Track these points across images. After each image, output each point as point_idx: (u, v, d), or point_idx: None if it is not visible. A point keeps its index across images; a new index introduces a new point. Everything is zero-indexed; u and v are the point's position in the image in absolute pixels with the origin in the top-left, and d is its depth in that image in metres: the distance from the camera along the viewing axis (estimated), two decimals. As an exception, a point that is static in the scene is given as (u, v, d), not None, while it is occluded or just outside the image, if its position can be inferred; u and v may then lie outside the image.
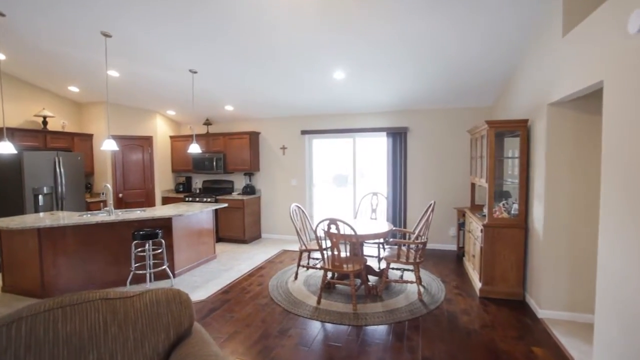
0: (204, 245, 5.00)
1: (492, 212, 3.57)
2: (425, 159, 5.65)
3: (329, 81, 4.63)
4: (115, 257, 4.08)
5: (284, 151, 6.50)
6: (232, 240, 6.30)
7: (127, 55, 4.16)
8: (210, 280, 4.27)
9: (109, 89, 5.50)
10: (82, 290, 3.98)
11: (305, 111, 6.10)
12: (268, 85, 4.93)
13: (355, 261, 3.50)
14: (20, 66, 4.97)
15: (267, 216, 6.69)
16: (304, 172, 6.38)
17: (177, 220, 4.38)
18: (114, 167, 6.22)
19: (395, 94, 5.03)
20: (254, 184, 6.74)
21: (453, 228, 5.55)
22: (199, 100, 5.67)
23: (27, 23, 3.66)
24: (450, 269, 4.61)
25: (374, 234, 3.58)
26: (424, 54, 3.71)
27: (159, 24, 3.42)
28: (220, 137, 6.55)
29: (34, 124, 5.63)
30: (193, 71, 4.54)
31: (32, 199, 5.03)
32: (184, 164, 6.91)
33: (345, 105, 5.64)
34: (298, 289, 3.89)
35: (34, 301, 3.76)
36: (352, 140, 6.12)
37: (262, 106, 5.94)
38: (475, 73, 4.13)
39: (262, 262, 5.04)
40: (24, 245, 3.84)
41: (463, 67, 4.00)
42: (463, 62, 3.85)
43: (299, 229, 4.15)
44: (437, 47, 3.55)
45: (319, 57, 3.93)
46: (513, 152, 4.22)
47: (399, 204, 5.71)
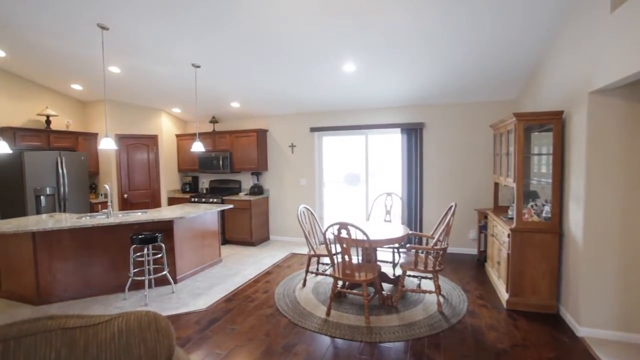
0: (209, 248, 4.77)
1: (520, 214, 3.20)
2: (443, 157, 5.28)
3: (339, 74, 4.32)
4: (114, 262, 3.88)
5: (292, 149, 6.23)
6: (239, 242, 6.06)
7: (126, 49, 3.94)
8: (213, 286, 4.02)
9: (112, 86, 5.32)
10: (80, 296, 3.80)
11: (314, 107, 5.80)
12: (275, 80, 4.65)
13: (368, 269, 3.19)
14: (22, 64, 4.83)
15: (276, 217, 6.43)
16: (313, 171, 6.09)
17: (179, 222, 4.15)
18: (119, 167, 6.06)
19: (410, 88, 4.68)
20: (262, 183, 6.49)
21: (473, 231, 5.17)
22: (204, 97, 5.44)
23: (23, 16, 3.48)
24: (471, 275, 4.24)
25: (389, 239, 3.26)
26: (442, 42, 3.36)
27: (157, 14, 3.18)
28: (227, 136, 6.32)
29: (37, 123, 5.50)
30: (196, 65, 4.30)
31: (34, 200, 4.89)
32: (191, 163, 6.71)
33: (356, 100, 5.32)
34: (306, 298, 3.61)
35: (29, 308, 3.62)
36: (364, 137, 5.79)
37: (269, 102, 5.68)
38: (500, 62, 3.76)
39: (269, 267, 4.77)
40: (19, 249, 3.67)
41: (486, 56, 3.63)
42: (486, 50, 3.48)
43: (307, 233, 3.86)
44: (457, 35, 3.20)
45: (328, 49, 3.62)
46: (540, 148, 3.85)
47: (414, 204, 5.36)
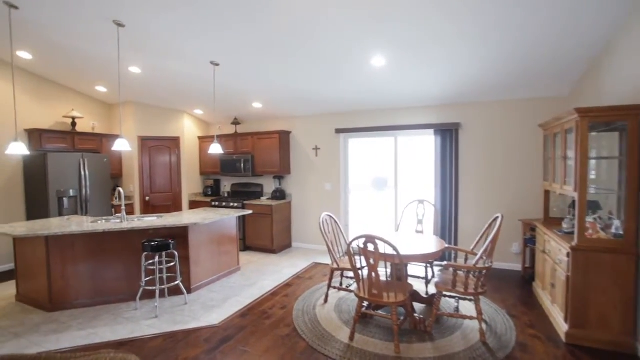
0: (227, 255, 4.52)
1: (583, 230, 2.68)
2: (482, 161, 4.76)
3: (367, 70, 3.95)
4: (127, 269, 3.70)
5: (316, 152, 5.91)
6: (260, 249, 5.80)
7: (144, 47, 3.79)
8: (229, 299, 3.75)
9: (134, 88, 5.25)
10: (91, 304, 3.62)
11: (340, 107, 5.45)
12: (298, 78, 4.35)
13: (398, 288, 2.79)
14: (48, 66, 4.84)
15: (298, 223, 6.12)
16: (338, 176, 5.73)
17: (194, 228, 3.93)
18: (141, 170, 5.99)
19: (445, 84, 4.23)
20: (284, 188, 6.21)
21: (517, 244, 4.60)
22: (225, 97, 5.25)
23: (45, 17, 3.42)
24: (517, 296, 3.71)
25: (423, 255, 2.84)
26: (484, 30, 2.91)
27: (173, 9, 2.97)
28: (249, 137, 6.10)
29: (63, 125, 5.53)
30: (215, 63, 4.09)
31: (57, 202, 4.87)
32: (213, 166, 6.55)
33: (385, 99, 4.92)
34: (327, 317, 3.24)
35: (41, 315, 3.51)
36: (394, 139, 5.37)
37: (292, 102, 5.39)
38: (557, 52, 3.23)
39: (289, 278, 4.45)
40: (34, 253, 3.57)
41: (539, 45, 3.13)
42: (541, 37, 2.99)
43: (330, 243, 3.50)
44: (501, 21, 2.74)
45: (355, 41, 3.26)
46: (598, 151, 3.30)
47: (449, 214, 4.86)
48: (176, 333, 2.97)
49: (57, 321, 3.26)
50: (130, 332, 3.00)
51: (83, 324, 3.19)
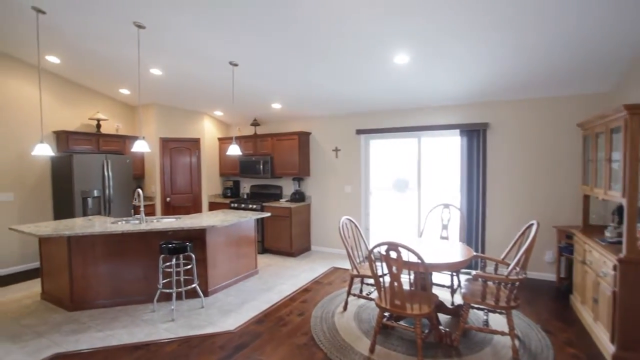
0: (245, 258, 4.46)
1: (634, 240, 2.41)
2: (511, 163, 4.48)
3: (390, 68, 3.78)
4: (145, 270, 3.70)
5: (336, 153, 5.77)
6: (279, 252, 5.72)
7: (164, 48, 3.79)
8: (245, 303, 3.68)
9: (155, 90, 5.30)
10: (110, 305, 3.63)
11: (361, 107, 5.30)
12: (317, 78, 4.24)
13: (422, 299, 2.61)
14: (75, 69, 4.96)
15: (318, 226, 6.00)
16: (359, 178, 5.57)
17: (212, 230, 3.88)
18: (162, 171, 6.05)
19: (473, 81, 3.99)
20: (304, 190, 6.11)
21: (550, 252, 4.29)
22: (244, 98, 5.21)
23: (67, 21, 3.49)
24: (552, 310, 3.43)
25: (449, 264, 2.65)
26: (517, 21, 2.69)
27: (191, 10, 2.94)
28: (268, 139, 6.05)
29: (89, 127, 5.66)
30: (233, 64, 4.04)
31: (81, 202, 4.97)
32: (232, 167, 6.54)
33: (408, 98, 4.72)
34: (346, 326, 3.10)
35: (63, 314, 3.55)
36: (417, 140, 5.15)
37: (312, 103, 5.29)
38: (605, 43, 2.96)
39: (307, 282, 4.34)
40: (57, 253, 3.63)
41: (577, 41, 2.87)
42: (578, 34, 2.73)
43: (350, 249, 3.36)
44: (539, 11, 2.52)
45: (377, 38, 3.11)
46: None
47: (475, 219, 4.60)
48: (191, 338, 2.91)
49: (78, 321, 3.29)
50: (147, 336, 2.96)
51: (102, 325, 3.19)
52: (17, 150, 4.85)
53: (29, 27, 3.67)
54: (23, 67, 4.86)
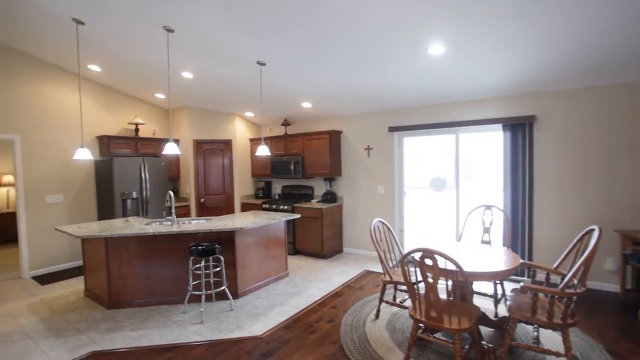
0: (275, 260, 4.40)
1: None
2: (563, 160, 4.03)
3: (424, 60, 3.53)
4: (177, 271, 3.74)
5: (369, 152, 5.57)
6: (310, 254, 5.63)
7: (193, 51, 3.83)
8: (274, 307, 3.61)
9: (187, 93, 5.41)
10: (144, 304, 3.71)
11: (393, 104, 5.06)
12: (348, 74, 4.08)
13: (462, 311, 2.37)
14: (114, 77, 5.18)
15: (350, 228, 5.83)
16: (392, 177, 5.33)
17: (241, 232, 3.85)
18: (196, 172, 6.18)
19: (517, 70, 3.63)
20: (335, 190, 5.97)
21: (612, 260, 3.81)
22: (273, 97, 5.17)
23: (103, 30, 3.63)
24: (617, 327, 3.01)
25: (492, 273, 2.38)
26: None
27: (219, 10, 2.91)
28: (298, 139, 5.97)
29: (128, 131, 5.91)
30: (261, 63, 3.99)
31: (121, 204, 5.18)
32: (263, 168, 6.55)
33: (444, 92, 4.42)
34: (378, 336, 2.91)
35: (102, 312, 3.68)
36: (454, 136, 4.82)
37: (342, 101, 5.13)
38: (671, 19, 2.54)
39: (338, 286, 4.19)
40: (96, 253, 3.77)
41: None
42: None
43: (382, 253, 3.17)
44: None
45: (409, 28, 2.90)
46: None
47: (521, 222, 4.20)
48: (219, 342, 2.87)
49: (114, 319, 3.38)
50: (176, 338, 2.97)
51: (135, 324, 3.26)
52: (65, 155, 5.15)
53: (71, 38, 3.85)
54: (69, 76, 5.15)
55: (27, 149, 4.82)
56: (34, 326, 3.31)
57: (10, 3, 3.42)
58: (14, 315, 3.56)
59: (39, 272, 4.93)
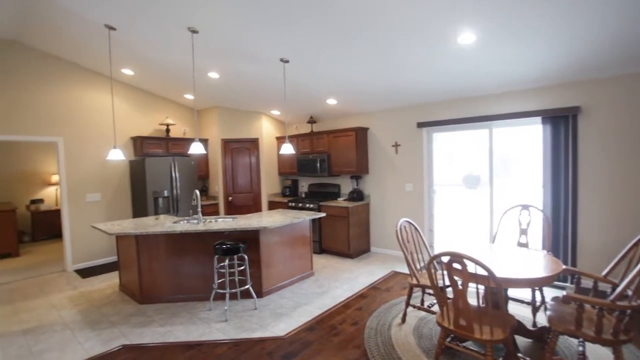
0: (300, 259, 4.37)
1: None
2: (612, 156, 3.66)
3: (453, 51, 3.33)
4: (203, 269, 3.81)
5: (396, 149, 5.39)
6: (336, 253, 5.55)
7: (217, 51, 3.86)
8: (298, 306, 3.57)
9: (215, 93, 5.49)
10: (172, 300, 3.82)
11: (422, 98, 4.85)
12: (373, 69, 3.94)
13: (495, 321, 2.20)
14: (146, 79, 5.37)
15: (377, 227, 5.69)
16: (421, 175, 5.13)
17: (265, 231, 3.85)
18: (225, 171, 6.29)
19: (558, 57, 3.33)
20: (362, 188, 5.85)
21: (671, 266, 3.40)
22: (298, 95, 5.13)
23: (133, 34, 3.75)
24: (676, 341, 2.68)
25: (530, 280, 2.19)
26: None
27: (240, 9, 2.90)
28: (324, 136, 5.90)
29: (159, 132, 6.12)
30: (284, 60, 3.95)
31: (153, 202, 5.37)
32: (290, 166, 6.55)
33: (476, 83, 4.16)
34: (404, 341, 2.79)
35: (134, 307, 3.82)
36: (487, 131, 4.54)
37: (368, 96, 4.99)
38: None
39: (364, 287, 4.09)
40: (128, 249, 3.92)
41: None
42: None
43: (409, 254, 3.03)
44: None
45: (437, 17, 2.73)
46: None
47: (563, 224, 3.87)
48: (242, 342, 2.88)
49: (145, 314, 3.50)
50: (201, 335, 3.02)
51: (164, 319, 3.35)
52: (102, 155, 5.41)
53: (106, 44, 4.02)
54: (105, 80, 5.40)
55: (69, 151, 5.11)
56: (73, 317, 3.49)
57: (50, 14, 3.62)
58: (57, 307, 3.79)
59: (80, 265, 5.23)
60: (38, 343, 2.99)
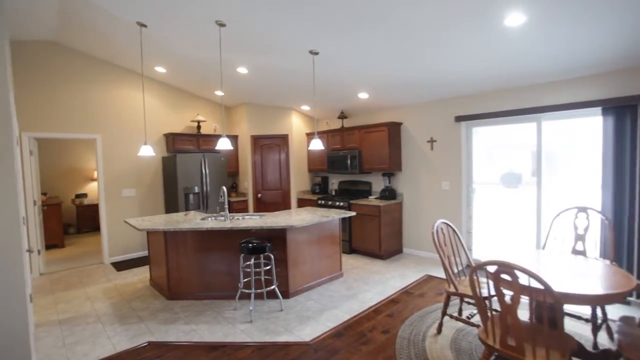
0: (328, 259, 4.21)
1: None
2: (694, 150, 3.14)
3: (498, 35, 2.99)
4: (229, 266, 3.75)
5: (432, 145, 5.06)
6: (366, 253, 5.33)
7: (244, 45, 3.76)
8: (325, 310, 3.41)
9: (244, 89, 5.44)
10: (199, 297, 3.80)
11: (460, 90, 4.49)
12: (408, 58, 3.67)
13: (551, 341, 1.90)
14: (177, 76, 5.42)
15: (410, 227, 5.40)
16: (459, 172, 4.77)
17: (292, 230, 3.72)
18: (254, 168, 6.25)
19: (623, 37, 2.88)
20: (395, 186, 5.57)
21: None
22: (328, 89, 4.94)
23: (164, 31, 3.75)
24: None
25: (595, 297, 1.87)
26: None
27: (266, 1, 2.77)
28: (355, 132, 5.68)
29: (191, 128, 6.18)
30: (314, 52, 3.78)
31: (184, 198, 5.43)
32: (320, 163, 6.39)
33: (523, 71, 3.76)
34: (440, 355, 2.54)
35: (162, 302, 3.83)
36: (536, 124, 4.11)
37: (402, 89, 4.70)
38: None
39: (396, 292, 3.85)
40: (158, 245, 3.95)
41: None
42: None
43: (446, 259, 2.77)
44: None
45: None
46: None
47: (628, 229, 3.39)
48: (266, 345, 2.76)
49: (171, 310, 3.49)
50: (225, 336, 2.94)
51: (189, 317, 3.32)
52: (137, 151, 5.55)
53: (138, 41, 4.06)
54: (139, 78, 5.52)
55: (106, 147, 5.27)
56: (105, 310, 3.56)
57: (85, 13, 3.69)
58: (92, 299, 3.89)
59: (116, 258, 5.40)
60: (72, 334, 3.05)
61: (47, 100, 4.77)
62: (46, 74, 4.75)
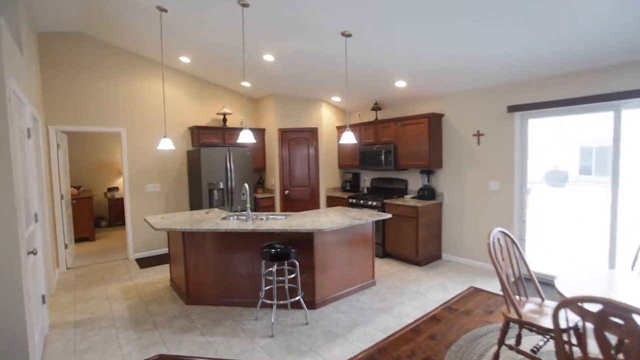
0: (359, 266, 3.78)
1: None
2: None
3: (561, 5, 2.40)
4: (251, 271, 3.42)
5: (478, 139, 4.47)
6: (401, 258, 4.84)
7: (269, 28, 3.39)
8: (356, 325, 2.99)
9: (272, 80, 5.11)
10: (218, 303, 3.44)
11: (515, 75, 3.87)
12: (451, 39, 3.13)
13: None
14: (202, 66, 5.17)
15: (452, 230, 4.84)
16: (510, 171, 4.16)
17: (320, 233, 3.33)
18: (281, 163, 5.92)
19: None
20: (434, 185, 5.02)
21: None
22: (361, 77, 4.48)
23: (184, 16, 3.52)
24: None
25: None
26: None
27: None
28: (391, 124, 5.17)
29: (216, 121, 5.95)
30: (346, 34, 3.34)
31: (208, 194, 5.20)
32: (351, 158, 5.94)
33: (594, 49, 3.08)
34: (500, 397, 2.05)
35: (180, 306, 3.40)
36: (612, 113, 3.42)
37: (444, 75, 4.15)
38: None
39: (436, 307, 3.36)
40: (177, 244, 3.71)
41: None
42: None
43: (505, 277, 2.25)
44: None
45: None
46: None
47: None
48: (286, 369, 2.40)
49: (188, 317, 3.23)
50: (242, 351, 2.61)
51: (206, 327, 3.03)
52: (160, 145, 5.39)
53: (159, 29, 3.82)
54: (166, 70, 5.33)
55: (131, 141, 5.14)
56: (122, 312, 3.37)
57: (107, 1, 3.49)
58: (111, 299, 3.73)
59: (140, 255, 5.29)
60: (84, 339, 2.87)
61: (72, 93, 4.68)
62: (71, 65, 4.65)
